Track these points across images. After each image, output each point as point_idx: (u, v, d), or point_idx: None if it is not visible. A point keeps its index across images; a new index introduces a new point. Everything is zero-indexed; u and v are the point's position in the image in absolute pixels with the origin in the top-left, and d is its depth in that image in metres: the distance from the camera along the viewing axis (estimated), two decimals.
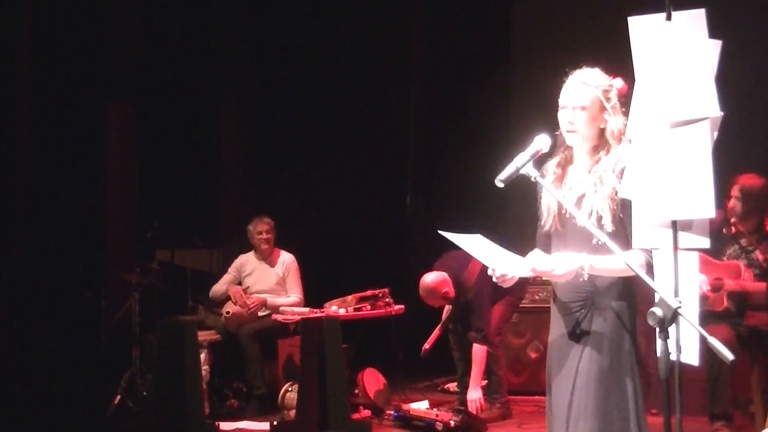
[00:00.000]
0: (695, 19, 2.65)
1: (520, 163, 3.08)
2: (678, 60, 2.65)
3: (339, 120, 9.38)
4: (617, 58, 3.21)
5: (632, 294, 3.22)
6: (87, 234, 7.93)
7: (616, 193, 3.12)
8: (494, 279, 3.15)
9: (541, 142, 3.16)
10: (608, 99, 3.24)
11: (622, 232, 3.12)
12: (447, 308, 6.70)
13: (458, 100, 9.06)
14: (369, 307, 6.75)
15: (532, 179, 3.12)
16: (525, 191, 3.46)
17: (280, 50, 9.29)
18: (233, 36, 9.38)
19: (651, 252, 2.94)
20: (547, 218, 3.33)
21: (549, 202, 3.34)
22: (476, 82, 8.87)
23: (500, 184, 3.07)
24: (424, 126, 9.42)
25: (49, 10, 7.67)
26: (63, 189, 7.74)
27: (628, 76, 3.04)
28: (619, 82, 3.28)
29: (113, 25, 8.32)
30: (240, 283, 7.59)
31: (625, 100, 3.22)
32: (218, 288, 7.56)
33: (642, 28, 2.72)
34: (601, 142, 3.26)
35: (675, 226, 2.72)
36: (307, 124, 9.38)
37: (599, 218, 3.16)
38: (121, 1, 8.43)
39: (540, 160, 3.21)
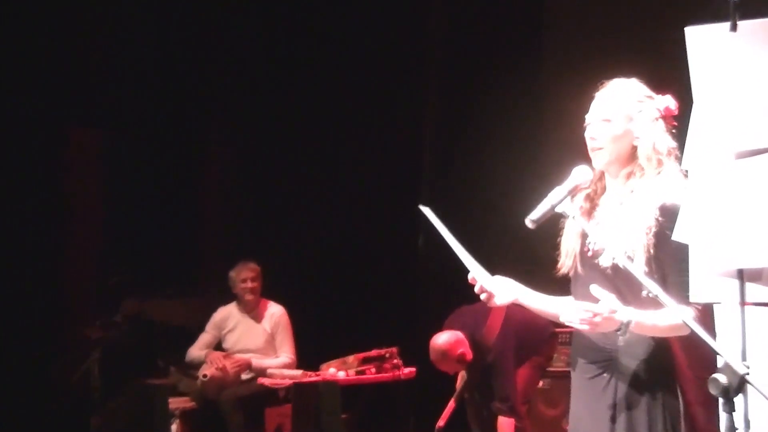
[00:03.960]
0: (765, 29, 2.64)
1: (556, 200, 3.12)
2: (745, 78, 2.65)
3: (340, 149, 9.35)
4: (668, 73, 3.22)
5: (664, 352, 3.20)
6: (40, 280, 7.91)
7: (651, 230, 3.14)
8: (476, 290, 3.32)
9: (579, 175, 3.21)
10: (641, 112, 3.27)
11: (659, 278, 3.11)
12: (461, 374, 6.66)
13: (482, 130, 9.01)
14: (374, 370, 6.78)
15: (570, 219, 3.19)
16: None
17: (277, 70, 9.30)
18: (221, 49, 9.39)
19: (705, 306, 2.97)
20: (566, 259, 3.38)
21: (569, 240, 3.39)
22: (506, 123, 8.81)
23: (531, 225, 3.10)
24: (438, 153, 9.37)
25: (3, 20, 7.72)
26: (14, 226, 7.73)
27: (682, 96, 3.04)
28: (667, 100, 3.32)
29: (80, 34, 8.35)
30: (221, 343, 7.58)
31: (677, 123, 3.26)
32: (195, 353, 7.51)
33: (702, 40, 2.71)
34: (635, 167, 3.28)
35: (741, 275, 2.71)
36: (303, 153, 9.36)
37: (628, 259, 3.14)
38: (90, 8, 8.46)
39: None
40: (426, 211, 3.49)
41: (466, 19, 9.09)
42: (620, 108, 3.27)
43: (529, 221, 3.11)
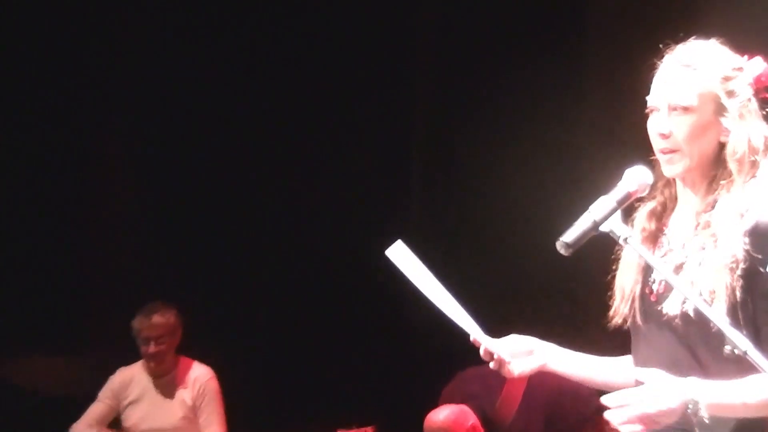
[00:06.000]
0: None
1: (600, 215, 3.13)
2: None
3: (294, 154, 9.40)
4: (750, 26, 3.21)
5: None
6: None
7: (739, 263, 3.13)
8: (481, 353, 3.41)
9: (634, 179, 3.24)
10: (731, 93, 3.24)
11: (750, 333, 3.09)
12: None
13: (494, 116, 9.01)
14: None
15: (621, 241, 3.17)
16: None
17: (211, 52, 9.42)
18: (129, 15, 9.47)
19: None
20: (621, 304, 3.42)
21: (626, 277, 3.42)
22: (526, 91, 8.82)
23: (565, 251, 3.13)
24: (432, 154, 9.38)
25: None
26: None
27: None
28: (756, 66, 3.31)
29: None
30: (118, 421, 7.54)
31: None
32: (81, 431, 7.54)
33: None
34: (720, 172, 3.27)
35: None
36: (245, 158, 9.39)
37: (705, 305, 3.13)
38: None
39: (630, 210, 3.34)
40: (395, 253, 3.63)
41: None
42: (703, 89, 3.23)
43: (562, 245, 3.11)
